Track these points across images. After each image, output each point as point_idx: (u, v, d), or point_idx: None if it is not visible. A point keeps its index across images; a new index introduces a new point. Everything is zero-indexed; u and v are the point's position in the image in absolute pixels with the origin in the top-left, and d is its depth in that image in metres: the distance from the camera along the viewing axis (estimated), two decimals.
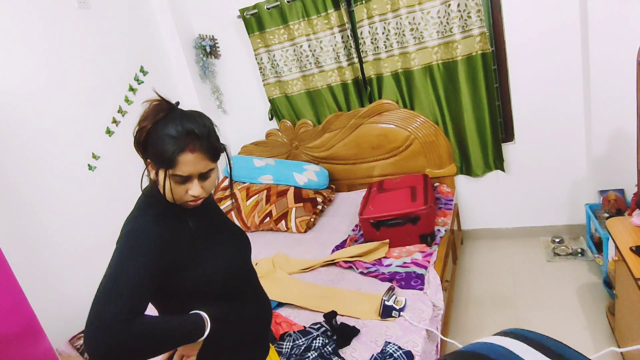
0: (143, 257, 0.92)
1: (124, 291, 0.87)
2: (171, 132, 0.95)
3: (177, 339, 0.96)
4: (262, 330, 1.20)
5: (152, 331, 0.90)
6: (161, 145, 0.95)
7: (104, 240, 2.50)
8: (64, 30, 2.40)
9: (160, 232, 0.97)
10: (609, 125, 2.39)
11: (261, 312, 1.19)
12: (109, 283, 0.88)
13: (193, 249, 1.03)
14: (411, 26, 2.62)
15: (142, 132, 0.98)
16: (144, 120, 0.98)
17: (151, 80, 2.93)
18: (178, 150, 0.95)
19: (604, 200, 2.47)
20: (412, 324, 1.69)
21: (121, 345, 0.83)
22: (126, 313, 0.85)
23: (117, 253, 0.94)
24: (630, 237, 1.67)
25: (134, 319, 0.86)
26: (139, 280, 0.89)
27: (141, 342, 0.87)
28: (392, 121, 2.86)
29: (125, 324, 0.84)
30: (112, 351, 0.82)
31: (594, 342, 2.02)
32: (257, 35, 3.01)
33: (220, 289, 1.08)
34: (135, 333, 0.86)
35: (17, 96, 2.15)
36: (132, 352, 0.85)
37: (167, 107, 0.99)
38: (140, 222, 0.98)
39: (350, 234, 2.54)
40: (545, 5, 2.42)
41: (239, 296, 1.13)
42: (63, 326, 2.16)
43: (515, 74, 2.63)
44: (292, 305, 1.97)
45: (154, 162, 0.99)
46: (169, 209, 1.02)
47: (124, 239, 0.96)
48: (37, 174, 2.20)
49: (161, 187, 0.99)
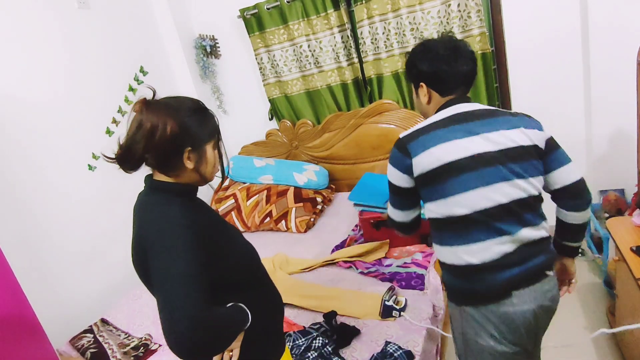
0: (192, 250, 0.90)
1: (191, 284, 0.86)
2: (195, 106, 1.01)
3: (238, 328, 0.98)
4: (281, 318, 1.21)
5: (223, 319, 0.94)
6: (200, 122, 1.00)
7: (104, 239, 2.50)
8: (64, 31, 2.40)
9: (193, 225, 0.96)
10: (609, 125, 2.39)
11: (279, 299, 1.20)
12: (172, 281, 0.86)
13: (216, 239, 1.03)
14: (411, 26, 2.62)
15: (178, 134, 0.95)
16: (163, 126, 0.94)
17: (151, 80, 2.93)
18: (212, 116, 1.04)
19: (604, 200, 2.47)
20: (412, 323, 1.69)
21: (208, 334, 0.85)
22: (202, 303, 0.85)
23: (165, 252, 0.90)
24: (630, 237, 1.67)
25: (209, 309, 0.88)
26: (197, 272, 0.88)
27: (219, 331, 0.90)
28: (392, 121, 2.86)
29: (206, 314, 0.86)
30: (200, 342, 0.83)
31: (594, 342, 2.02)
32: (257, 35, 3.01)
33: (243, 277, 1.08)
34: (214, 321, 0.89)
35: (17, 96, 2.15)
36: (216, 341, 0.89)
37: (153, 101, 1.00)
38: (174, 216, 0.95)
39: (350, 234, 2.54)
40: (545, 5, 2.42)
41: (259, 284, 1.13)
42: (63, 326, 2.16)
43: (515, 74, 2.63)
44: (292, 305, 1.97)
45: (200, 142, 1.00)
46: (190, 200, 1.04)
47: (167, 236, 0.92)
48: (37, 174, 2.20)
49: (211, 164, 1.04)
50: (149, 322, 2.11)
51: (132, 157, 0.98)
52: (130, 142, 0.97)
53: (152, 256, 0.91)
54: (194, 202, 1.06)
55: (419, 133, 1.21)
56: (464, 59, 1.24)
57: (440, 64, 1.24)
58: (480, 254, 1.13)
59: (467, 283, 1.18)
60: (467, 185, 1.12)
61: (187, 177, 1.02)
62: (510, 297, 1.14)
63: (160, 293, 0.86)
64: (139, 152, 0.96)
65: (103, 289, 2.46)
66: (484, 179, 1.12)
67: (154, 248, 0.92)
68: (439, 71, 1.24)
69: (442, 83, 1.26)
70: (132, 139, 0.97)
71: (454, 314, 1.28)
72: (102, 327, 2.15)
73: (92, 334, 2.10)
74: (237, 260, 1.07)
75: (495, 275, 1.14)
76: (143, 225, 0.99)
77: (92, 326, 2.16)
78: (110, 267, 2.51)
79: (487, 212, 1.12)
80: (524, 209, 1.15)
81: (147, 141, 0.95)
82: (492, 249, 1.13)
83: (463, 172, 1.13)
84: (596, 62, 2.32)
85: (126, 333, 2.08)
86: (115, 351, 1.94)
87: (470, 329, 1.21)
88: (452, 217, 1.15)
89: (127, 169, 1.01)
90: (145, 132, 0.94)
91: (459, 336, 1.28)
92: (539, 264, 1.17)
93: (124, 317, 2.22)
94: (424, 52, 1.27)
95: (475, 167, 1.13)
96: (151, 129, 0.94)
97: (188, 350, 0.83)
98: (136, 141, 0.96)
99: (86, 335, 2.09)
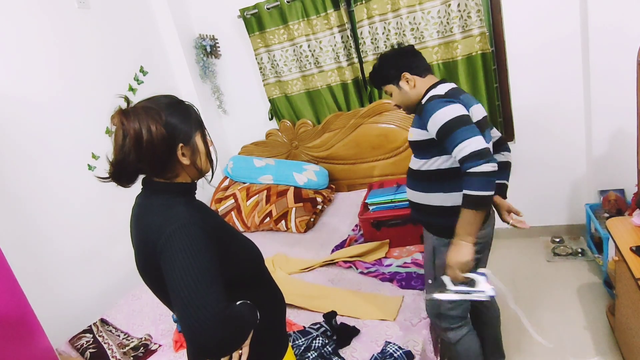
0: (207, 249, 0.91)
1: (213, 282, 0.87)
2: (172, 102, 1.01)
3: (252, 325, 0.99)
4: (284, 316, 1.22)
5: (242, 316, 0.96)
6: (182, 116, 1.00)
7: (104, 239, 2.50)
8: (64, 31, 2.40)
9: (202, 224, 0.95)
10: (609, 124, 2.39)
11: (281, 297, 1.20)
12: (192, 281, 0.85)
13: (223, 238, 1.02)
14: (411, 26, 2.62)
15: (166, 135, 0.95)
16: (148, 130, 0.93)
17: (151, 80, 2.93)
18: (191, 106, 1.04)
19: (604, 200, 2.47)
20: (412, 324, 1.69)
21: (232, 330, 0.88)
22: (223, 301, 0.87)
23: (181, 252, 0.88)
24: (630, 237, 1.67)
25: (229, 306, 0.89)
26: (215, 269, 0.89)
27: (241, 327, 0.93)
28: (392, 121, 2.86)
29: (228, 311, 0.88)
30: (227, 338, 0.86)
31: (594, 342, 2.02)
32: (257, 35, 3.01)
33: (249, 276, 1.08)
34: (236, 318, 0.92)
35: (16, 96, 2.15)
36: (238, 337, 0.92)
37: (129, 109, 0.97)
38: (183, 216, 0.94)
39: (350, 234, 2.54)
40: (545, 5, 2.42)
41: (264, 282, 1.13)
42: (63, 326, 2.16)
43: (515, 74, 2.63)
44: (292, 305, 1.97)
45: (189, 135, 1.00)
46: (192, 200, 1.05)
47: (180, 237, 0.90)
48: (37, 174, 2.20)
49: (204, 154, 1.04)
50: (148, 322, 2.11)
51: (126, 170, 0.97)
52: (121, 155, 0.95)
53: (166, 259, 0.89)
54: (196, 203, 1.05)
55: (456, 92, 1.46)
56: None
57: (410, 54, 1.58)
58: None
59: (455, 219, 1.38)
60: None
61: (185, 174, 1.02)
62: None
63: (180, 294, 0.85)
64: (132, 163, 0.95)
65: (103, 289, 2.46)
66: (486, 139, 1.45)
67: (167, 251, 0.89)
68: (415, 58, 1.56)
69: (420, 65, 1.55)
70: (122, 152, 0.94)
71: (441, 249, 1.52)
72: (101, 327, 2.15)
73: (92, 334, 2.10)
74: (243, 258, 1.07)
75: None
76: (148, 230, 0.96)
77: (92, 326, 2.16)
78: (110, 267, 2.51)
79: None
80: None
81: (137, 150, 0.93)
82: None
83: (482, 130, 1.43)
84: (596, 62, 2.32)
85: (125, 333, 2.07)
86: (114, 351, 1.93)
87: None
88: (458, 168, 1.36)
89: (124, 183, 1.00)
90: (133, 141, 0.92)
91: (440, 264, 1.51)
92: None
93: (124, 317, 2.22)
94: (393, 54, 1.59)
95: (483, 128, 1.46)
96: (137, 136, 0.92)
97: (216, 347, 0.85)
98: (126, 153, 0.94)
99: (85, 335, 2.08)
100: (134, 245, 1.05)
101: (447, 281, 1.38)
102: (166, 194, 1.00)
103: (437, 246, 1.55)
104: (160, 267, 0.90)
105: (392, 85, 1.57)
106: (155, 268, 0.93)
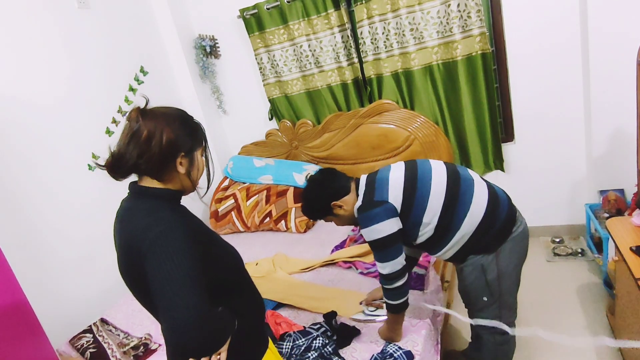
0: (191, 252, 0.92)
1: (195, 285, 0.88)
2: (184, 115, 1.06)
3: (231, 330, 1.00)
4: (263, 318, 1.23)
5: (221, 320, 0.97)
6: (191, 130, 1.05)
7: (104, 239, 2.49)
8: (64, 31, 2.40)
9: (186, 228, 0.97)
10: (609, 125, 2.39)
11: (260, 300, 1.21)
12: (175, 283, 0.86)
13: (205, 243, 1.03)
14: (411, 26, 2.62)
15: (170, 141, 0.99)
16: (160, 133, 0.98)
17: (151, 80, 2.93)
18: (199, 124, 1.09)
19: (604, 200, 2.47)
20: (412, 324, 1.69)
21: (212, 333, 0.90)
22: (204, 303, 0.88)
23: (165, 255, 0.90)
24: (630, 237, 1.67)
25: (210, 309, 0.91)
26: (199, 273, 0.91)
27: (220, 330, 0.94)
28: (392, 121, 2.86)
29: (210, 313, 0.90)
30: (207, 339, 0.88)
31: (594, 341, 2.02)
32: (257, 35, 3.01)
33: (229, 280, 1.09)
34: (217, 321, 0.94)
35: (16, 96, 2.15)
36: (218, 339, 0.93)
37: (148, 110, 1.02)
38: (168, 220, 0.96)
39: (350, 234, 2.54)
40: (545, 5, 2.42)
41: (243, 287, 1.14)
42: (63, 326, 2.16)
43: (515, 74, 2.63)
44: (292, 305, 1.97)
45: (192, 148, 1.05)
46: (178, 206, 1.06)
47: (166, 240, 0.91)
48: (38, 174, 2.20)
49: (200, 170, 1.09)
50: (148, 322, 2.10)
51: (124, 164, 1.00)
52: (124, 149, 0.99)
53: (151, 261, 0.90)
54: (180, 208, 1.07)
55: (380, 190, 1.51)
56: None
57: (328, 180, 1.62)
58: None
59: (485, 234, 1.52)
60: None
61: (177, 182, 1.05)
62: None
63: (163, 295, 0.86)
64: (132, 158, 0.98)
65: (102, 289, 2.46)
66: (462, 186, 1.64)
67: (152, 253, 0.90)
68: (335, 182, 1.61)
69: (341, 185, 1.59)
70: (126, 146, 0.99)
71: (489, 265, 1.54)
72: (101, 326, 2.15)
73: (92, 333, 2.10)
74: (225, 262, 1.09)
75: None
76: (133, 233, 0.97)
77: (92, 326, 2.16)
78: (110, 267, 2.48)
79: None
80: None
81: (143, 147, 0.98)
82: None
83: (450, 186, 1.58)
84: (596, 62, 2.32)
85: (125, 333, 2.08)
86: (114, 351, 1.93)
87: (504, 260, 1.54)
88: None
89: (118, 176, 1.03)
90: (143, 139, 0.97)
91: (493, 277, 1.55)
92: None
93: (124, 317, 2.22)
94: (313, 189, 1.61)
95: (451, 186, 1.59)
96: (148, 136, 0.97)
97: (198, 347, 0.87)
98: (130, 148, 0.98)
99: (85, 335, 2.08)
100: (117, 248, 1.06)
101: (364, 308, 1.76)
102: (153, 199, 1.02)
103: (484, 264, 1.54)
104: (143, 269, 0.91)
105: (330, 217, 1.62)
106: (138, 271, 0.94)
